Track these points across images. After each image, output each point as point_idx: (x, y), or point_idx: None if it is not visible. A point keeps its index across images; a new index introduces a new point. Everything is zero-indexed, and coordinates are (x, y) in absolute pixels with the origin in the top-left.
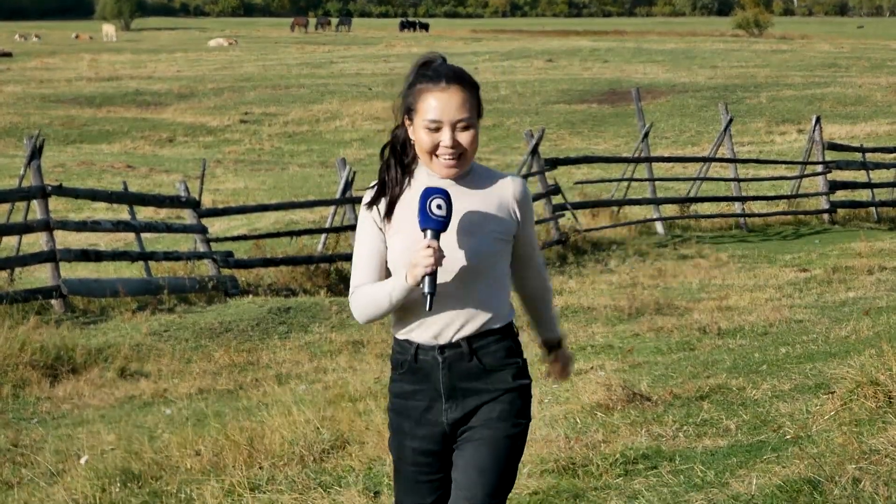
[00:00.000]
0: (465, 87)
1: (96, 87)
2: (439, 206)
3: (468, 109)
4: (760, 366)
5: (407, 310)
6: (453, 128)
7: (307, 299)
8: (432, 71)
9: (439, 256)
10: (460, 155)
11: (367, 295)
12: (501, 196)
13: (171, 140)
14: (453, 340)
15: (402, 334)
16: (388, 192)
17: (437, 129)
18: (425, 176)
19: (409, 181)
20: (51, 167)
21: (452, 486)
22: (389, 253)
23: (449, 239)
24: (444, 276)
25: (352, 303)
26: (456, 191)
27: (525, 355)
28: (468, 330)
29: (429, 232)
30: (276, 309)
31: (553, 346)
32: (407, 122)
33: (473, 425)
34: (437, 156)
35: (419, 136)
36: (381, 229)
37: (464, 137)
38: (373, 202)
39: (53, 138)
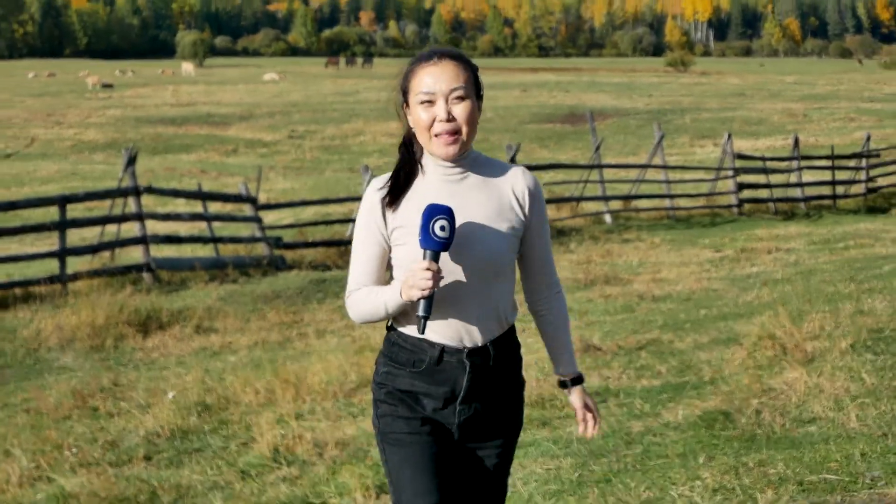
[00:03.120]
0: (458, 61)
1: (177, 111)
2: (443, 228)
3: (462, 81)
4: (685, 324)
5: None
6: (447, 99)
7: (339, 273)
8: (426, 53)
9: (437, 279)
10: (458, 131)
11: (363, 301)
12: (512, 188)
13: (235, 151)
14: (481, 344)
15: (415, 333)
16: (399, 184)
17: (432, 103)
18: (435, 167)
19: (419, 173)
20: (142, 172)
21: (468, 495)
22: (397, 252)
23: (464, 237)
24: (462, 275)
25: (348, 306)
26: (466, 185)
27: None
28: (493, 333)
29: (428, 253)
30: (314, 280)
31: (568, 384)
32: (406, 111)
33: (482, 437)
34: (435, 135)
35: (416, 115)
36: (382, 230)
37: (459, 110)
38: (387, 193)
39: (144, 150)
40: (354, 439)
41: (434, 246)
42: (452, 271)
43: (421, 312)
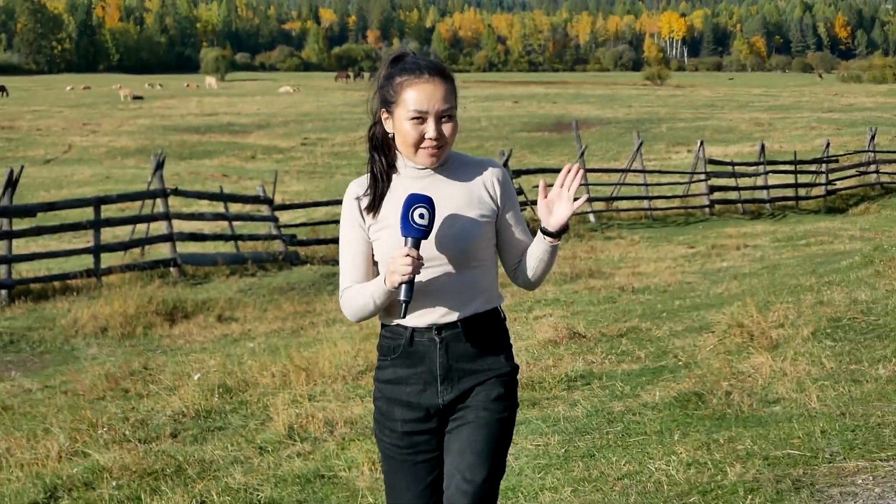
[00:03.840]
0: (446, 79)
1: (201, 120)
2: (422, 216)
3: (451, 101)
4: (661, 313)
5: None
6: (438, 119)
7: None
8: (410, 64)
9: (417, 265)
10: (443, 146)
11: (354, 298)
12: (482, 180)
13: (253, 157)
14: (451, 321)
15: (394, 321)
16: (378, 187)
17: (423, 121)
18: (406, 168)
19: (392, 174)
20: (169, 176)
21: (447, 469)
22: (377, 247)
23: (437, 227)
24: (435, 262)
25: (342, 305)
26: (438, 179)
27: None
28: (464, 312)
29: (409, 240)
30: (325, 274)
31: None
32: (384, 115)
33: (468, 405)
34: (422, 148)
35: (403, 128)
36: (363, 228)
37: (447, 129)
38: (366, 197)
39: (171, 156)
40: (362, 418)
41: (414, 233)
42: (429, 259)
43: (402, 297)
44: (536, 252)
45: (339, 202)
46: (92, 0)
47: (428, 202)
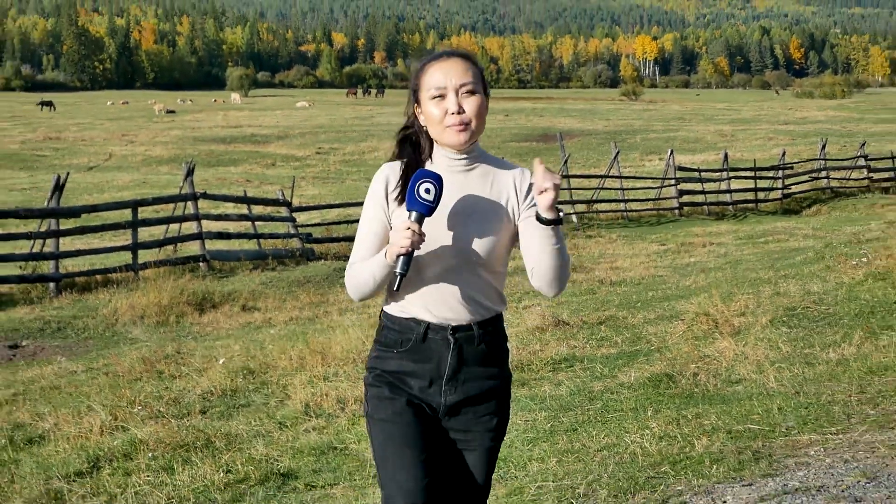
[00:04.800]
0: (467, 59)
1: (227, 132)
2: (427, 191)
3: (471, 76)
4: (636, 303)
5: (411, 290)
6: (457, 92)
7: None
8: (434, 53)
9: (417, 240)
10: (468, 122)
11: (356, 276)
12: (509, 185)
13: (273, 164)
14: (465, 323)
15: (405, 313)
16: (409, 175)
17: (443, 97)
18: (439, 158)
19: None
20: (198, 181)
21: (451, 483)
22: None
23: (458, 221)
24: (452, 257)
25: (346, 281)
26: (469, 178)
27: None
28: (479, 315)
29: (413, 214)
30: (338, 269)
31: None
32: (417, 110)
33: (470, 429)
34: (447, 126)
35: (427, 110)
36: (385, 211)
37: (468, 103)
38: (397, 189)
39: (200, 164)
40: None
41: (418, 207)
42: (445, 254)
43: (398, 269)
44: (538, 244)
45: (350, 205)
46: (129, 24)
47: (436, 178)
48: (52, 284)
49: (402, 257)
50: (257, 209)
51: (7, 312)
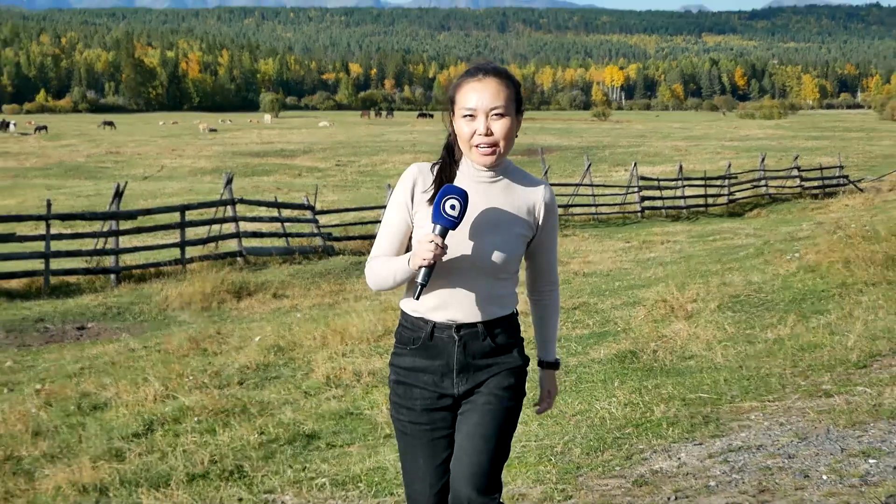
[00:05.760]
0: (502, 79)
1: (260, 147)
2: (453, 207)
3: (503, 99)
4: (605, 292)
5: (426, 292)
6: (487, 116)
7: None
8: (472, 68)
9: (440, 253)
10: (495, 144)
11: (379, 269)
12: (531, 199)
13: (300, 175)
14: (471, 322)
15: (416, 312)
16: (443, 179)
17: (473, 118)
18: (469, 170)
19: (455, 173)
20: (237, 189)
21: (456, 450)
22: (416, 233)
23: (478, 232)
24: (468, 265)
25: (366, 272)
26: (494, 189)
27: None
28: (485, 316)
29: (437, 227)
30: (354, 262)
31: (544, 365)
32: (451, 118)
33: (480, 391)
34: (475, 146)
35: (458, 126)
36: (409, 210)
37: (497, 126)
38: (428, 191)
39: (238, 174)
40: (381, 370)
41: (443, 222)
42: (460, 260)
43: (420, 280)
44: (540, 331)
45: (364, 208)
46: (178, 56)
47: (461, 195)
48: (112, 276)
49: (423, 269)
50: (286, 212)
51: (75, 299)
